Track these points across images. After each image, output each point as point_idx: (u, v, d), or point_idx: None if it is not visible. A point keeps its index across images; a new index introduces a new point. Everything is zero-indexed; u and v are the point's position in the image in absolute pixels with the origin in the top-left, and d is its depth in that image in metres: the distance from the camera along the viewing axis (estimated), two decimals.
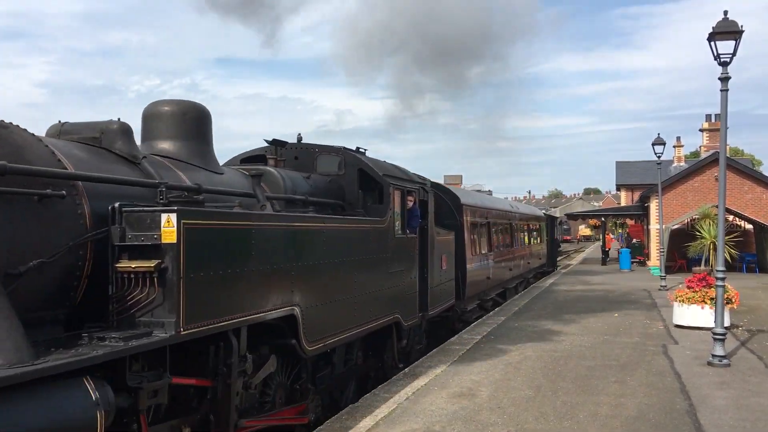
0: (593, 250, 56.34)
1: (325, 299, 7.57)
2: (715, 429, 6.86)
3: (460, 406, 7.68)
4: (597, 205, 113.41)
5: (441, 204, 13.91)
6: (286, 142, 9.57)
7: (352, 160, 9.78)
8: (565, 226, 77.48)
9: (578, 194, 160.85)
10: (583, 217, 49.12)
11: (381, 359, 10.18)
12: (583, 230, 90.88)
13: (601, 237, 41.17)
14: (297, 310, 6.88)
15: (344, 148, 9.95)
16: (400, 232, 10.04)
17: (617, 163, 49.01)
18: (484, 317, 15.29)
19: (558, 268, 33.12)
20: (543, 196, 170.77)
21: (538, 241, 27.37)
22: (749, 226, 29.66)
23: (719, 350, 9.86)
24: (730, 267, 21.43)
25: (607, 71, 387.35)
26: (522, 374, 9.27)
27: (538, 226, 27.52)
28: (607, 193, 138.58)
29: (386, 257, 9.45)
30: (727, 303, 11.90)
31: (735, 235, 26.92)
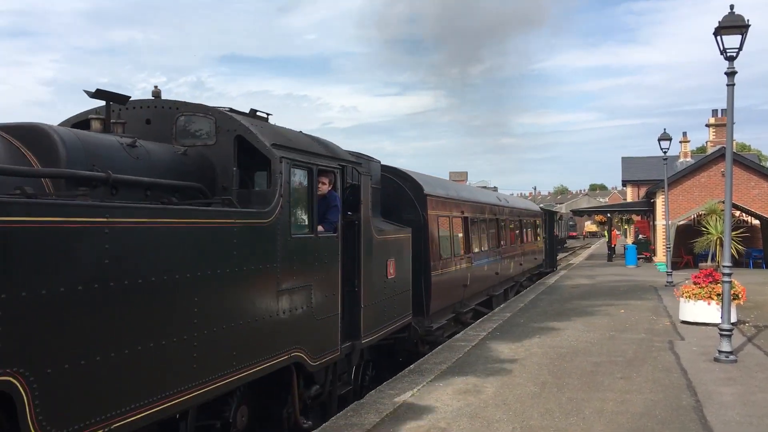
0: (599, 246, 56.22)
1: (114, 348, 4.44)
2: (722, 425, 6.83)
3: (465, 403, 7.66)
4: (603, 201, 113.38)
5: (399, 194, 11.62)
6: (125, 97, 6.45)
7: (228, 124, 6.69)
8: (570, 223, 77.50)
9: (584, 190, 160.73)
10: (588, 213, 49.10)
11: (279, 415, 7.15)
12: (589, 226, 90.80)
13: (606, 233, 41.04)
14: (15, 383, 3.76)
15: (230, 109, 7.03)
16: (305, 229, 7.17)
17: (623, 159, 48.99)
18: (488, 313, 15.26)
19: (558, 268, 31.00)
20: (549, 193, 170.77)
21: (534, 238, 24.70)
22: (756, 222, 29.53)
23: (726, 346, 9.83)
24: (737, 263, 21.36)
25: (612, 67, 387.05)
26: (527, 370, 9.25)
27: (533, 222, 24.88)
28: (613, 189, 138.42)
29: (272, 268, 6.35)
30: (734, 299, 11.86)
31: (741, 230, 26.78)
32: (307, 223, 7.25)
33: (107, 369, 4.40)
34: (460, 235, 14.38)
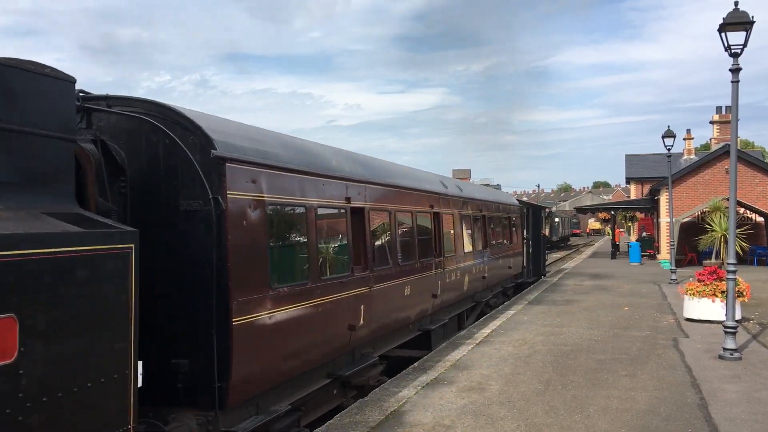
0: (603, 243, 56.18)
1: None
2: (727, 422, 6.82)
3: (469, 400, 7.67)
4: (606, 198, 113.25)
5: (169, 159, 5.90)
6: None
7: None
8: (574, 220, 77.62)
9: (587, 188, 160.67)
10: (592, 210, 49.00)
11: None
12: (593, 224, 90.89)
13: (610, 231, 40.95)
14: None
15: None
16: None
17: (627, 156, 48.89)
18: (491, 312, 15.20)
19: (546, 275, 25.10)
20: (552, 190, 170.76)
21: (506, 241, 18.61)
22: (760, 219, 29.48)
23: (730, 343, 9.81)
24: (741, 260, 21.33)
25: (615, 64, 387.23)
26: (532, 368, 9.25)
27: (507, 219, 18.94)
28: (616, 186, 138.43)
29: None
30: (738, 296, 11.84)
31: (746, 227, 26.78)
32: None
33: None
34: (341, 239, 8.53)
